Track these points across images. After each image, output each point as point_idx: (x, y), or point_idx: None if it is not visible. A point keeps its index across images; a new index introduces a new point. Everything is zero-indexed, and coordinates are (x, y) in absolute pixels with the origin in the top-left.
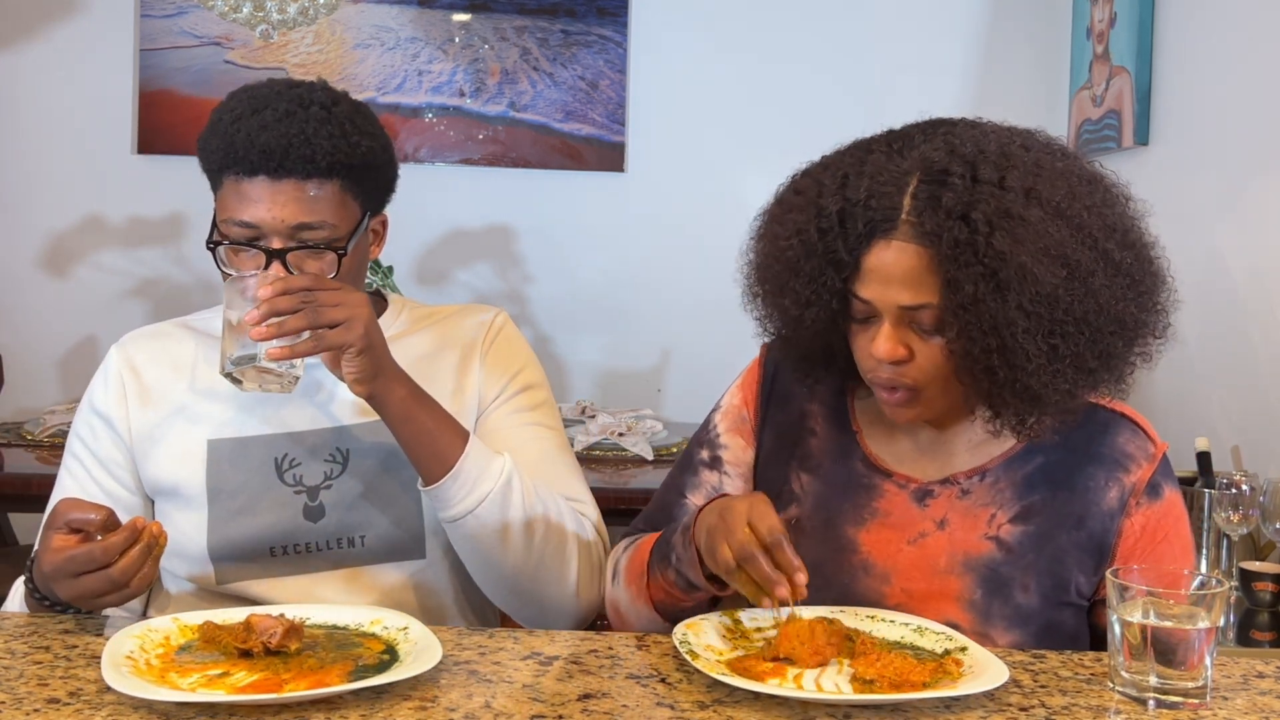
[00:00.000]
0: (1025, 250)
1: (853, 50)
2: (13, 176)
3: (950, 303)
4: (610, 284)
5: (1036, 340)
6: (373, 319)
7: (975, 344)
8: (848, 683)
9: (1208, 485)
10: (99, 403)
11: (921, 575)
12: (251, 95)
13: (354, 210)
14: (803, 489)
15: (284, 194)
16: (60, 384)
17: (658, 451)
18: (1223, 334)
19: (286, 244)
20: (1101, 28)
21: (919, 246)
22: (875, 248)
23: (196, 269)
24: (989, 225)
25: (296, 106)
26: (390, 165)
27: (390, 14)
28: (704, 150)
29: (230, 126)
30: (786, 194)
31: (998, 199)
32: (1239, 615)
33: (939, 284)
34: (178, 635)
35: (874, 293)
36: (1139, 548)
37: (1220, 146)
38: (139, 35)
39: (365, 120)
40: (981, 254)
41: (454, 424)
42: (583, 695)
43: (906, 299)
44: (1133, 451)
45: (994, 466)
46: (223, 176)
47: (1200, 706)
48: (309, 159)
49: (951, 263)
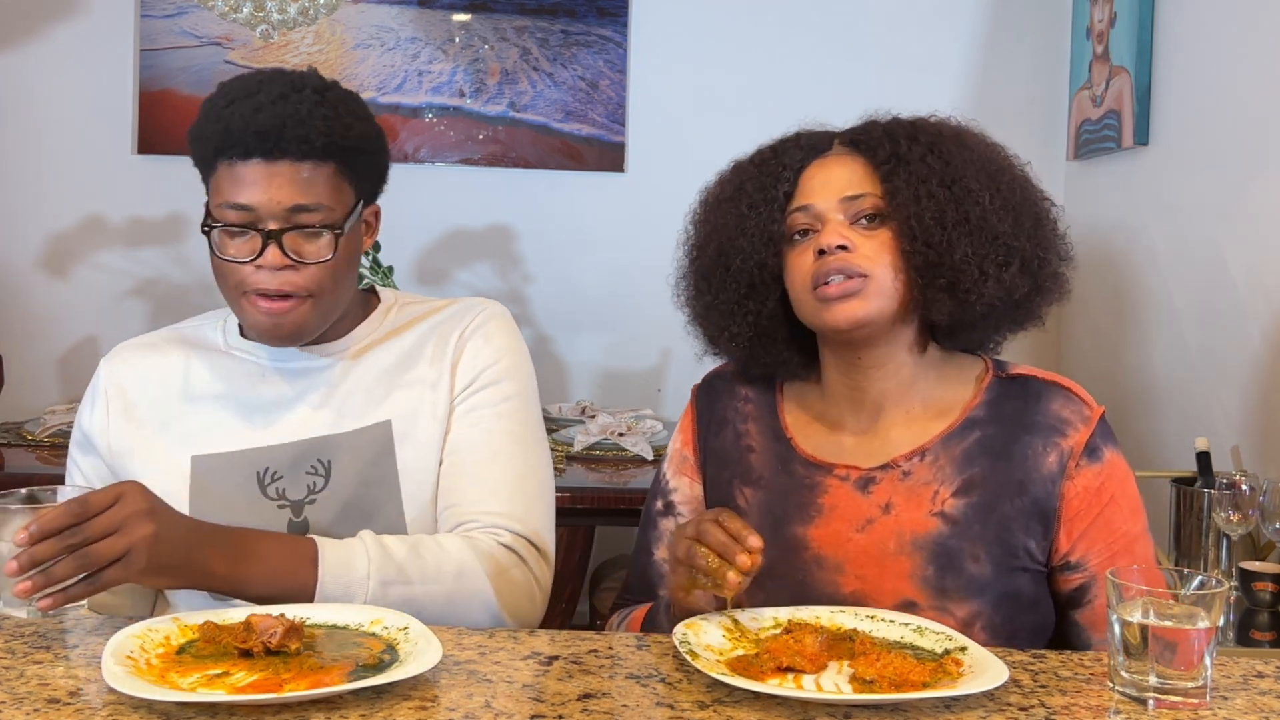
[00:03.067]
0: (963, 166)
1: (852, 50)
2: (13, 176)
3: (897, 198)
4: (610, 284)
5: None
6: (158, 537)
7: (924, 229)
8: (848, 683)
9: (1208, 485)
10: (84, 421)
11: (872, 561)
12: (244, 81)
13: (348, 195)
14: (748, 502)
15: (280, 175)
16: (60, 384)
17: (658, 451)
18: (1223, 334)
19: (282, 226)
20: (1101, 28)
21: (856, 157)
22: (812, 165)
23: (196, 269)
24: (926, 148)
25: (289, 90)
26: (383, 153)
27: (390, 14)
28: (704, 150)
29: (224, 111)
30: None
31: (924, 127)
32: (1239, 615)
33: (878, 182)
34: (178, 635)
35: (814, 196)
36: (1086, 510)
37: (1220, 146)
38: (139, 35)
39: (358, 105)
40: (924, 157)
41: (295, 551)
42: (583, 695)
43: (849, 190)
44: (1068, 416)
45: (932, 445)
46: (216, 161)
47: (1200, 706)
48: (304, 139)
49: (892, 164)
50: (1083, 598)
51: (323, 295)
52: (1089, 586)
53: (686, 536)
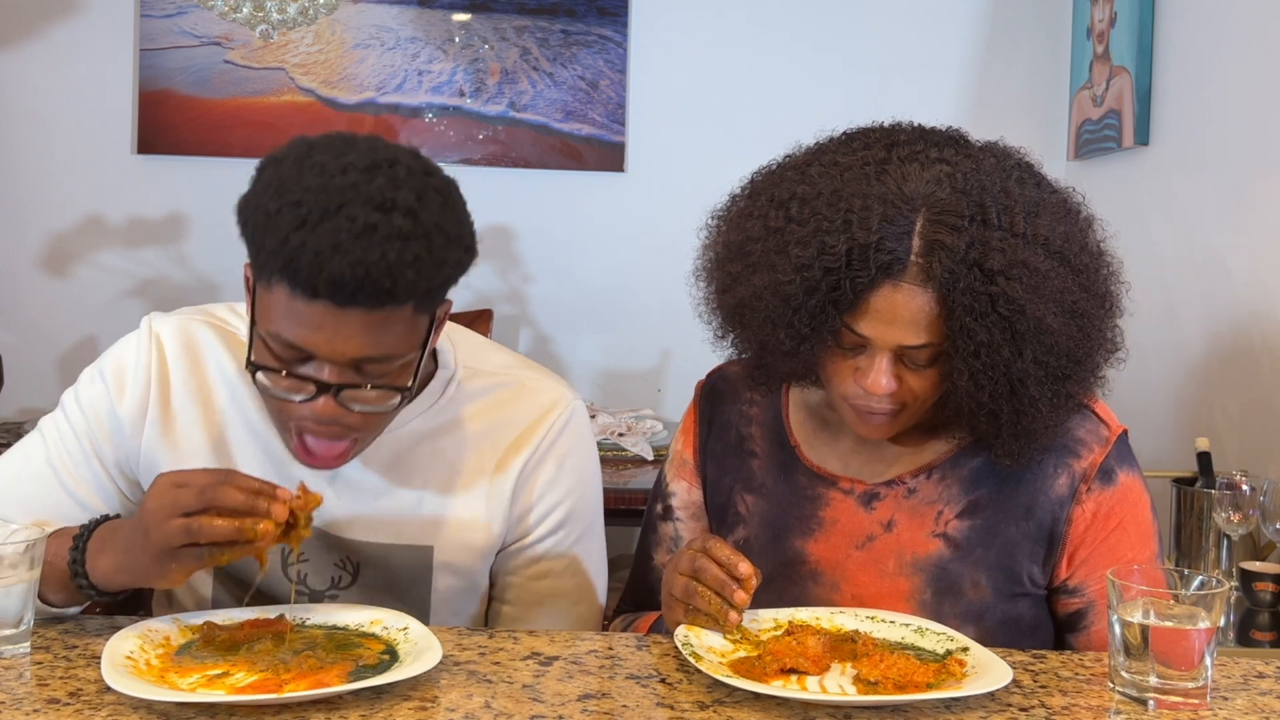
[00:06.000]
0: (1040, 301)
1: (853, 50)
2: (13, 176)
3: (961, 348)
4: (610, 284)
5: (1046, 387)
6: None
7: (984, 390)
8: (851, 684)
9: (1208, 485)
10: (116, 406)
11: (870, 579)
12: (321, 189)
13: (423, 327)
14: (748, 510)
15: (348, 325)
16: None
17: (658, 451)
18: (1223, 334)
19: (342, 381)
20: (1102, 27)
21: (928, 290)
22: (883, 289)
23: (196, 269)
24: (1005, 276)
25: (376, 214)
26: (470, 258)
27: (390, 14)
28: (704, 150)
29: (292, 233)
30: (775, 218)
31: (1011, 247)
32: (1239, 615)
33: (944, 327)
34: (177, 635)
35: (875, 331)
36: (1090, 535)
37: (1220, 146)
38: (139, 35)
39: (453, 222)
40: (998, 304)
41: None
42: (583, 695)
43: (910, 339)
44: (1083, 436)
45: (940, 463)
46: (271, 280)
47: (1200, 706)
48: (386, 291)
49: (965, 311)
50: (1079, 622)
51: (379, 431)
52: (1086, 612)
53: (681, 573)
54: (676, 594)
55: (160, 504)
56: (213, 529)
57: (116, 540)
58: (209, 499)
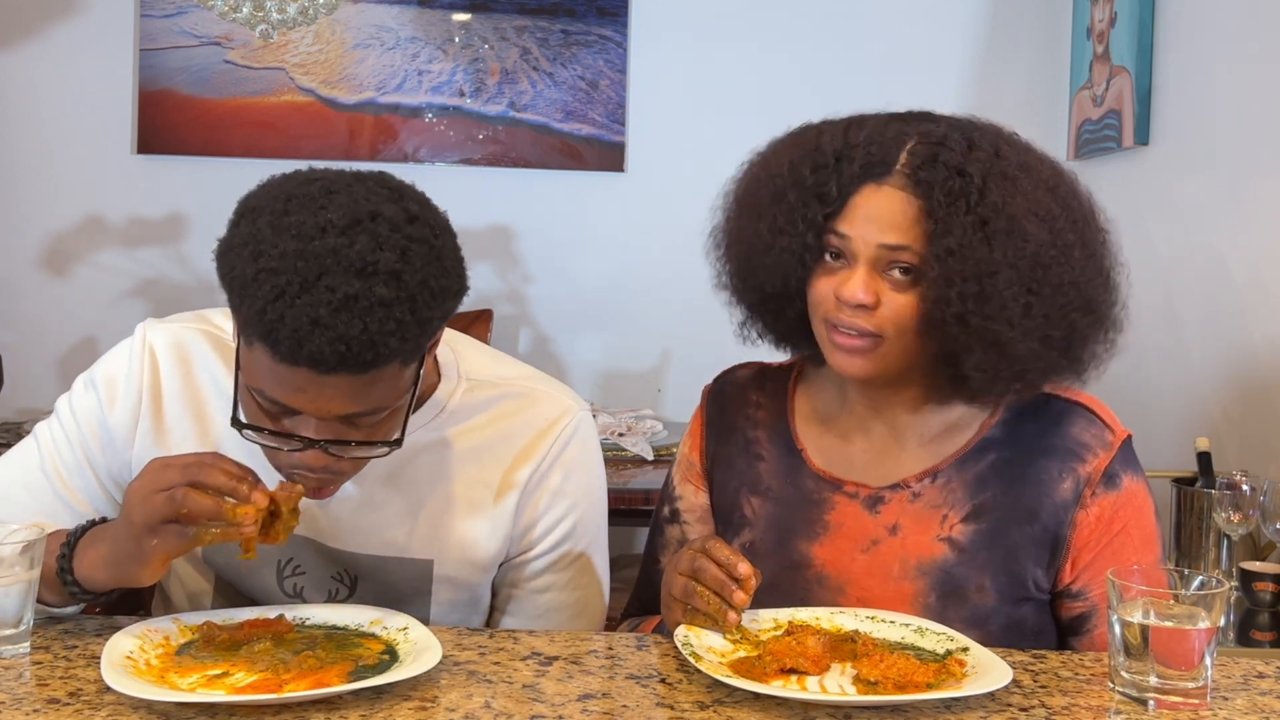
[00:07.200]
0: (1017, 207)
1: (853, 50)
2: (13, 176)
3: (936, 248)
4: (610, 284)
5: (1015, 291)
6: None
7: (954, 288)
8: (851, 684)
9: (1208, 485)
10: (107, 416)
11: (875, 583)
12: (299, 255)
13: (411, 373)
14: (754, 513)
15: (332, 387)
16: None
17: (658, 451)
18: (1223, 334)
19: (331, 433)
20: (1102, 27)
21: (910, 194)
22: (865, 189)
23: (196, 269)
24: (984, 180)
25: (357, 282)
26: (460, 299)
27: (390, 14)
28: (704, 150)
29: (269, 305)
30: (782, 137)
31: (993, 163)
32: (1239, 615)
33: (924, 232)
34: (177, 636)
35: (857, 229)
36: (1094, 540)
37: (1220, 146)
38: (139, 35)
39: (439, 274)
40: (974, 204)
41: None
42: (583, 695)
43: (888, 238)
44: (1088, 440)
45: (945, 467)
46: (252, 341)
47: (1200, 706)
48: (369, 362)
49: (943, 209)
50: (1081, 626)
51: (367, 466)
52: (1089, 616)
53: (680, 573)
54: (676, 594)
55: (144, 481)
56: (194, 500)
57: (104, 534)
58: (192, 475)
